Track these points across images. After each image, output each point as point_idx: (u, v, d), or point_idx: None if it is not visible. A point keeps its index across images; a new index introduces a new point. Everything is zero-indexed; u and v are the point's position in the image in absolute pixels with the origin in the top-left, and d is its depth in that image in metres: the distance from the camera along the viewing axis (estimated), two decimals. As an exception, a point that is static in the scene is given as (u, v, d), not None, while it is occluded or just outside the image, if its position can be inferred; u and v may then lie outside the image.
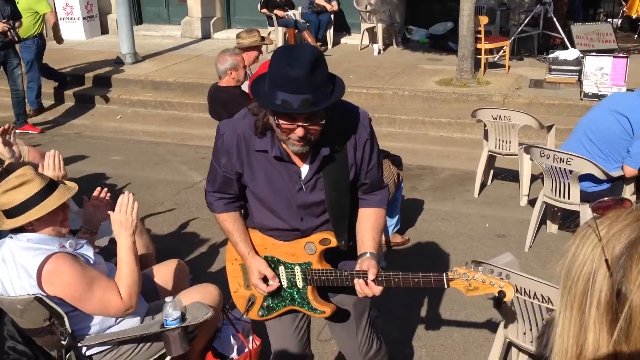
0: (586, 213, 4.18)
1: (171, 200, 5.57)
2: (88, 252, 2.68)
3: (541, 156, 4.27)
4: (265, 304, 2.39)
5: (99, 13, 12.27)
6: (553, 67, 8.14)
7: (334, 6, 10.48)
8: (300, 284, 2.29)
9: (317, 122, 1.93)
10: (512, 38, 9.34)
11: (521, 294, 2.61)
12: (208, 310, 2.71)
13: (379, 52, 10.12)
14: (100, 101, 8.88)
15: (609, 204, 0.93)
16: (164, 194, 5.72)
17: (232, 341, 2.96)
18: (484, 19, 8.46)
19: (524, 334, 2.79)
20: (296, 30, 10.11)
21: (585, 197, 4.19)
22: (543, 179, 4.45)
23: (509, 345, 2.98)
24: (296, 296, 2.32)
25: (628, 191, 4.23)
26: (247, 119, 2.11)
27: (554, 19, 9.21)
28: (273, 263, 2.30)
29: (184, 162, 6.60)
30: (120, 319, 2.69)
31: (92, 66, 9.68)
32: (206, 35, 11.77)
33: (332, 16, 10.51)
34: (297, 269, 2.26)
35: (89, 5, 11.97)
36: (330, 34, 10.60)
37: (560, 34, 9.20)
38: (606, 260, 0.86)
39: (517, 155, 5.19)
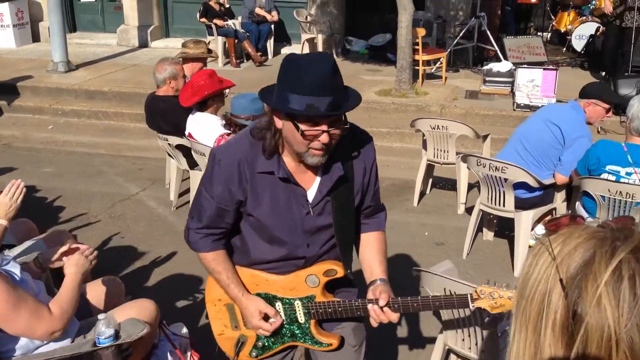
0: (520, 220, 4.30)
1: (106, 213, 5.39)
2: (14, 269, 2.55)
3: (477, 165, 4.36)
4: (260, 343, 2.22)
5: (31, 20, 11.85)
6: (487, 78, 8.39)
7: (274, 16, 10.47)
8: (302, 319, 2.14)
9: (340, 126, 1.84)
10: (449, 50, 9.58)
11: (460, 301, 2.64)
12: (144, 326, 2.61)
13: (319, 63, 10.15)
14: (31, 111, 8.55)
15: (561, 221, 0.91)
16: (98, 206, 5.52)
17: (170, 358, 2.86)
18: (421, 31, 8.64)
19: (463, 340, 2.82)
20: (236, 40, 10.05)
21: (519, 204, 4.32)
22: (479, 187, 4.55)
23: (448, 352, 3.01)
24: (297, 332, 2.18)
25: (559, 198, 4.38)
26: (247, 142, 1.98)
27: (488, 32, 9.52)
28: (267, 300, 2.14)
29: (120, 173, 6.41)
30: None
31: (22, 75, 9.31)
32: (143, 44, 11.53)
33: (273, 26, 10.50)
34: (298, 304, 2.12)
35: (20, 12, 11.53)
36: (270, 44, 10.59)
37: (494, 47, 9.51)
38: (561, 280, 0.83)
39: (454, 164, 5.29)
